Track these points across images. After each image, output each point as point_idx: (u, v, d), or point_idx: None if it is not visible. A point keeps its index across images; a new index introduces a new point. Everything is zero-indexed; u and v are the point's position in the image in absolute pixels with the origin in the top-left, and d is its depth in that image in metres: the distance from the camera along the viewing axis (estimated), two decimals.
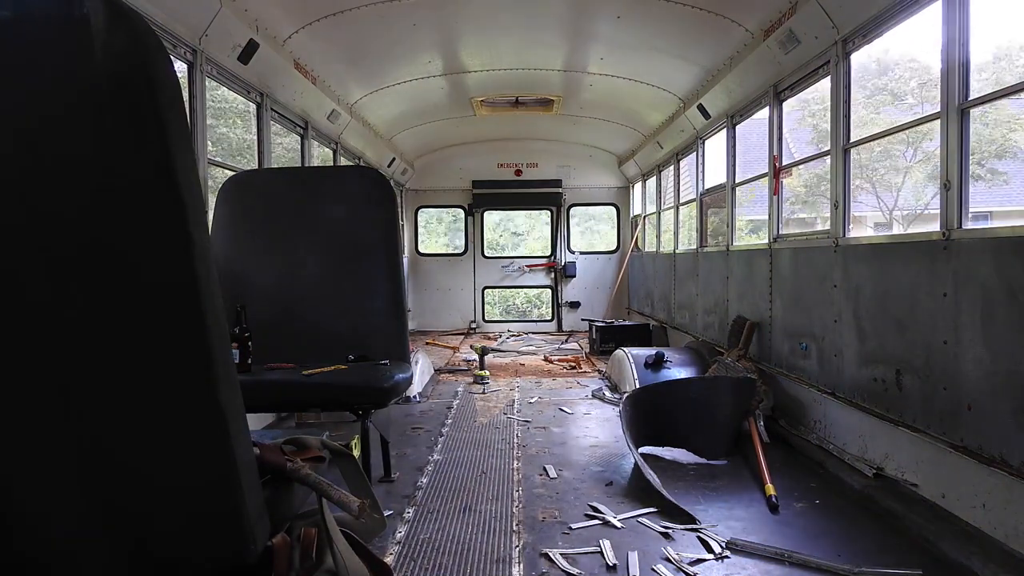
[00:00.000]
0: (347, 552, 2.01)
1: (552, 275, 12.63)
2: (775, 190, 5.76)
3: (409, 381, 3.90)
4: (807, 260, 5.17)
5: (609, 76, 7.88)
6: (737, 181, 7.02)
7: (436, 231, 18.76)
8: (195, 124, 4.60)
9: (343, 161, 8.34)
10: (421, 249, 12.86)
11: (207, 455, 1.53)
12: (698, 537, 3.40)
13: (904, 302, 3.83)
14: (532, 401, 6.65)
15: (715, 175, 7.88)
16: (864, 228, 20.76)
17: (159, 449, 1.54)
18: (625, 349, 7.23)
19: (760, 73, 5.73)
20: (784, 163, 5.83)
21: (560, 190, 12.34)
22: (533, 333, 12.23)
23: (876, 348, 4.12)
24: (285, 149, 10.82)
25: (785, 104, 5.74)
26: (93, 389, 1.49)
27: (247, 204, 4.14)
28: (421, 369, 7.04)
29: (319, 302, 4.06)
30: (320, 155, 7.99)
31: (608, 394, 6.85)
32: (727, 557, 3.19)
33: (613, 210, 12.74)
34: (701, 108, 7.35)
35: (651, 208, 10.94)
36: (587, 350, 10.06)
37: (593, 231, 15.48)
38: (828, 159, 4.87)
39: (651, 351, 6.90)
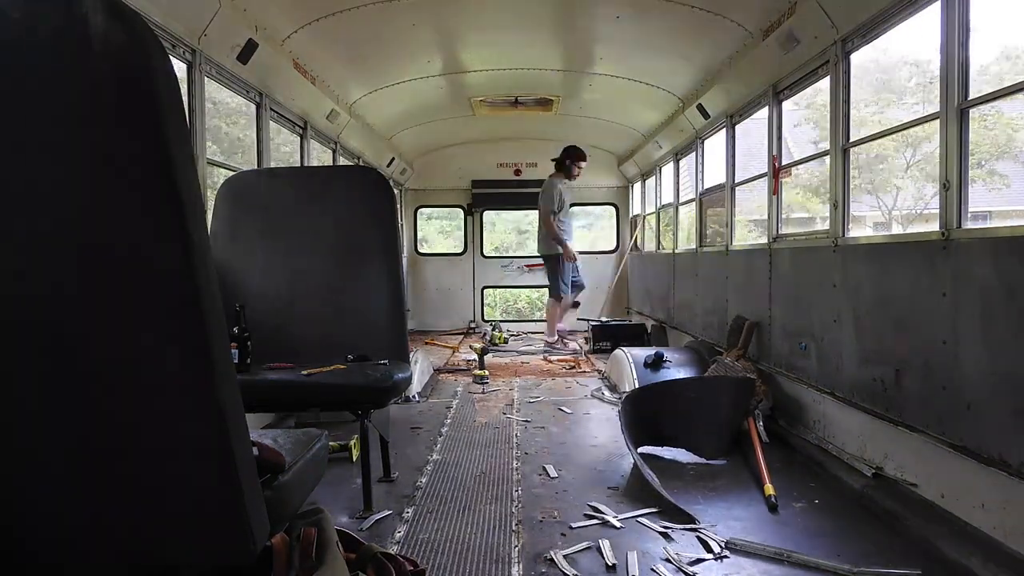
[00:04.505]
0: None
1: None
2: (774, 190, 5.76)
3: (408, 381, 3.91)
4: (806, 260, 5.17)
5: (609, 76, 7.87)
6: (736, 181, 7.02)
7: (444, 230, 18.69)
8: (194, 124, 4.60)
9: (342, 161, 8.33)
10: (429, 248, 12.83)
11: (206, 455, 1.53)
12: (697, 537, 3.40)
13: (903, 302, 3.83)
14: (532, 401, 6.65)
15: (715, 175, 7.89)
16: (863, 228, 20.78)
17: (158, 449, 1.54)
18: (624, 349, 7.23)
19: (759, 73, 5.73)
20: (784, 163, 5.83)
21: None
22: (533, 333, 12.22)
23: (875, 348, 4.12)
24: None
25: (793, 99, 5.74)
26: (92, 389, 1.49)
27: (246, 204, 4.14)
28: (420, 369, 7.04)
29: (318, 302, 4.06)
30: (319, 155, 7.99)
31: (607, 394, 6.85)
32: (726, 557, 3.19)
33: (612, 209, 12.74)
34: (700, 108, 7.35)
35: (650, 208, 10.94)
36: (587, 349, 10.06)
37: (595, 228, 15.46)
38: (827, 159, 4.88)
39: (650, 351, 6.90)
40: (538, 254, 10.34)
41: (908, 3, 3.82)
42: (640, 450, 4.51)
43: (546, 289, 12.79)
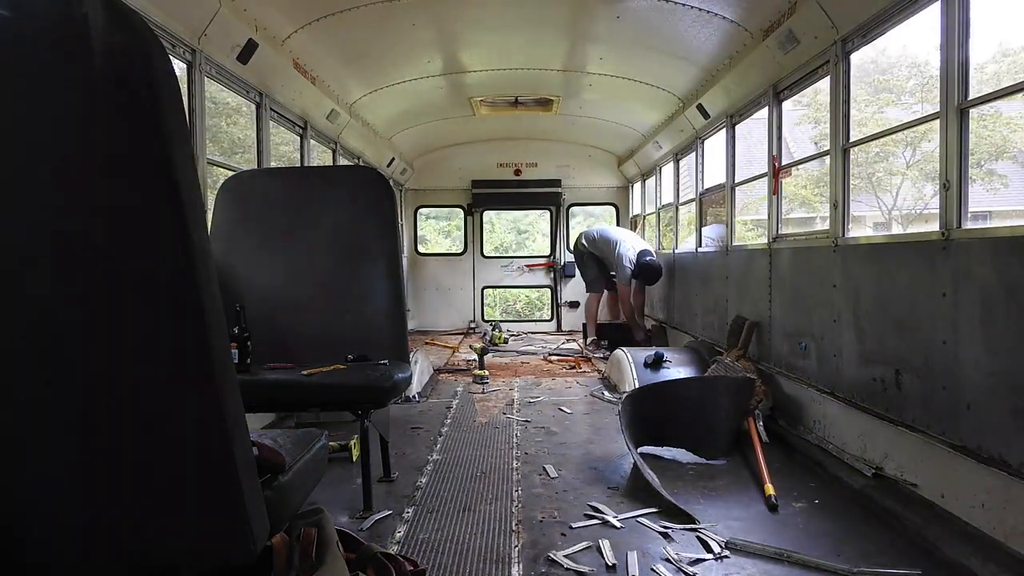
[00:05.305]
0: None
1: (552, 275, 12.63)
2: (774, 190, 5.77)
3: (408, 381, 3.91)
4: (806, 260, 5.17)
5: (608, 76, 7.88)
6: (736, 181, 7.02)
7: (444, 230, 18.70)
8: (194, 124, 4.60)
9: (342, 161, 8.33)
10: (428, 248, 12.82)
11: (206, 455, 1.53)
12: (697, 537, 3.40)
13: (903, 302, 3.83)
14: (532, 401, 6.65)
15: (715, 175, 7.89)
16: (863, 228, 20.78)
17: (158, 449, 1.54)
18: (624, 349, 7.23)
19: (759, 73, 5.73)
20: (784, 163, 5.83)
21: (559, 190, 12.33)
22: (532, 333, 12.23)
23: (875, 348, 4.12)
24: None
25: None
26: (92, 388, 1.49)
27: (246, 204, 4.15)
28: (420, 369, 7.04)
29: (318, 302, 4.06)
30: (319, 155, 7.99)
31: (607, 394, 6.85)
32: (726, 557, 3.19)
33: (612, 209, 12.75)
34: (700, 108, 7.35)
35: (650, 208, 10.94)
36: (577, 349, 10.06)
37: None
38: (827, 159, 4.87)
39: (650, 351, 6.90)
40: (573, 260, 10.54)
41: (908, 3, 3.82)
42: (640, 450, 4.51)
43: (546, 289, 12.84)
